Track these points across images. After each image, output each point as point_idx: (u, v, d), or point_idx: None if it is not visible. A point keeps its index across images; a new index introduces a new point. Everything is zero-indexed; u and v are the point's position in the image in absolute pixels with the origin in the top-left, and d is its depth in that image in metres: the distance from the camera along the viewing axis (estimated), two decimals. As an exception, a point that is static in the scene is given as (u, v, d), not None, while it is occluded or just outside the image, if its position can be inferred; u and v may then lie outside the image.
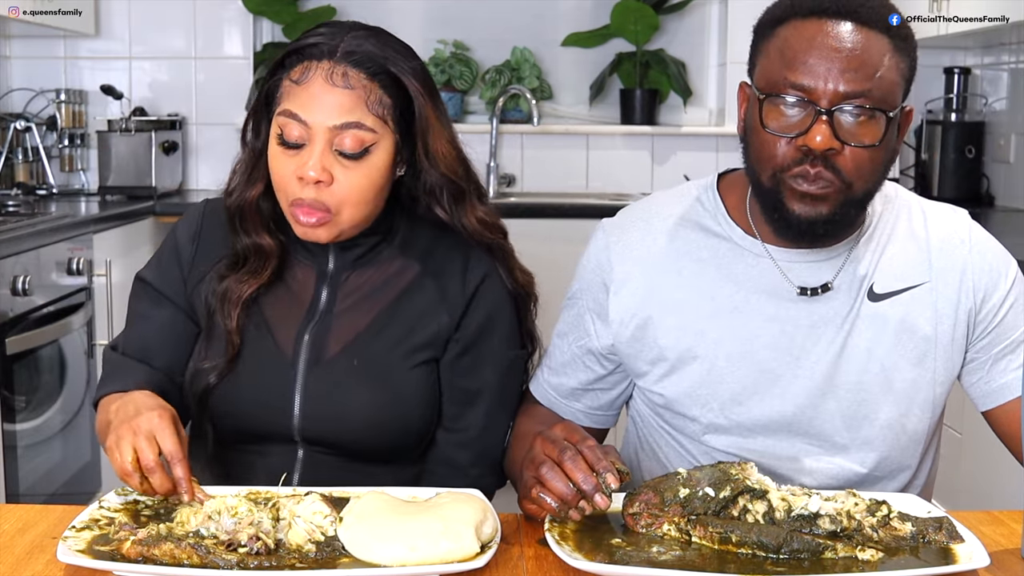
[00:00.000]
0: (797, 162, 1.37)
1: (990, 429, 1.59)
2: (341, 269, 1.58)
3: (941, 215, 1.55)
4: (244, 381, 1.54)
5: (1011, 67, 3.94)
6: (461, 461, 1.58)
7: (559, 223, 3.81)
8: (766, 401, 1.49)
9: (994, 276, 1.51)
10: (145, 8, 4.25)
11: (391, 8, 4.33)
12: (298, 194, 1.47)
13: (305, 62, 1.48)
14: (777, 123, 1.38)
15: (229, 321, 1.54)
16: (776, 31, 1.40)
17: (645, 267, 1.53)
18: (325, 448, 1.54)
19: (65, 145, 4.17)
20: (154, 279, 1.61)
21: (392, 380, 1.54)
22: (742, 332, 1.49)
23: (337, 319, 1.56)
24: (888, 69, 1.36)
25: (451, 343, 1.57)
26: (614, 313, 1.54)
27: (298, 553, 1.18)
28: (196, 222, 1.62)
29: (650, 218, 1.56)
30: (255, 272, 1.56)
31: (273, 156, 1.50)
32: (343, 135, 1.46)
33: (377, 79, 1.48)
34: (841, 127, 1.35)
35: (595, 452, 1.26)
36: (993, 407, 1.53)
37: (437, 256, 1.59)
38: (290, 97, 1.48)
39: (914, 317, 1.49)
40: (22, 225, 2.94)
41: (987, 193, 4.06)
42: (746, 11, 4.27)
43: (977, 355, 1.53)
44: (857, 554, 1.20)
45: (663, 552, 1.22)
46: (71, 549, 1.16)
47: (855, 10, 1.36)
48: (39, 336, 2.92)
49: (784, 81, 1.36)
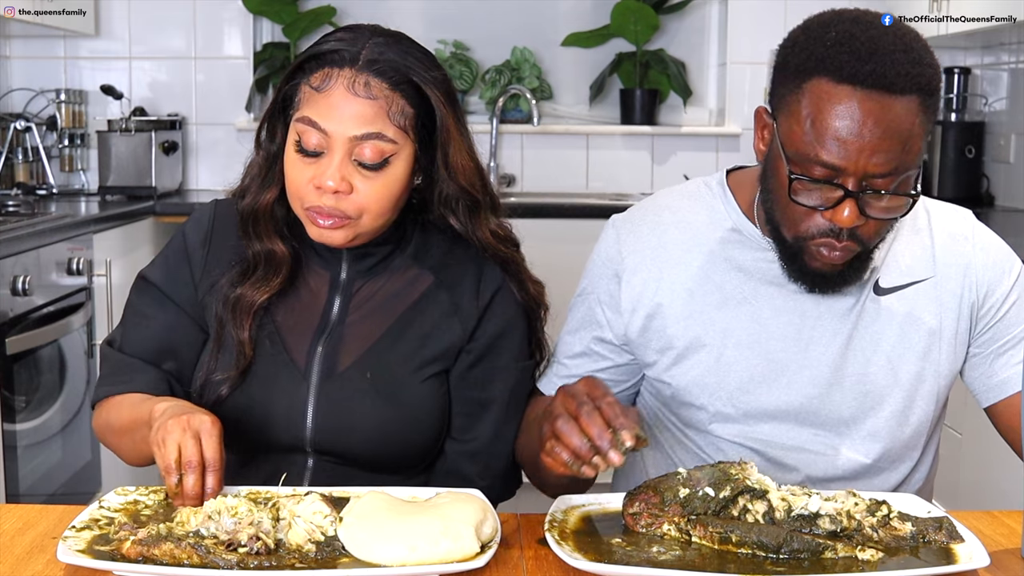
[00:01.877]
0: (823, 233, 1.40)
1: (989, 429, 1.60)
2: (354, 278, 1.56)
3: (946, 213, 1.58)
4: (256, 393, 1.52)
5: (1011, 67, 3.94)
6: (469, 472, 1.56)
7: (559, 223, 3.81)
8: (773, 391, 1.51)
9: (997, 272, 1.54)
10: (145, 8, 4.25)
11: (391, 8, 4.33)
12: (315, 202, 1.45)
13: (326, 68, 1.45)
14: (805, 197, 1.39)
15: (241, 332, 1.51)
16: (805, 86, 1.37)
17: (656, 257, 1.55)
18: (335, 458, 1.53)
19: (65, 145, 4.17)
20: (160, 280, 1.58)
21: (404, 393, 1.53)
22: (750, 322, 1.51)
23: (349, 330, 1.54)
24: (915, 136, 1.35)
25: (463, 354, 1.56)
26: (625, 302, 1.55)
27: (298, 553, 1.18)
28: (207, 225, 1.59)
29: (660, 211, 1.59)
30: (266, 280, 1.53)
31: (290, 163, 1.48)
32: (363, 145, 1.44)
33: (399, 89, 1.45)
34: (868, 204, 1.37)
35: (614, 408, 1.25)
36: (995, 402, 1.55)
37: (450, 267, 1.57)
38: (309, 104, 1.45)
39: (919, 311, 1.52)
40: (22, 225, 2.94)
41: (987, 193, 4.06)
42: (746, 11, 4.30)
43: (979, 349, 1.55)
44: (857, 554, 1.20)
45: (663, 552, 1.22)
46: (71, 549, 1.16)
47: (891, 81, 1.33)
48: (39, 336, 2.92)
49: (813, 158, 1.35)
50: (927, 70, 1.35)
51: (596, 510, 1.33)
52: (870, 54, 1.33)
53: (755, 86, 4.31)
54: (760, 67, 4.30)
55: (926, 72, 1.35)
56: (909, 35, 1.37)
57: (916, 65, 1.34)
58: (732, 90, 4.35)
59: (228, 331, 1.53)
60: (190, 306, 1.57)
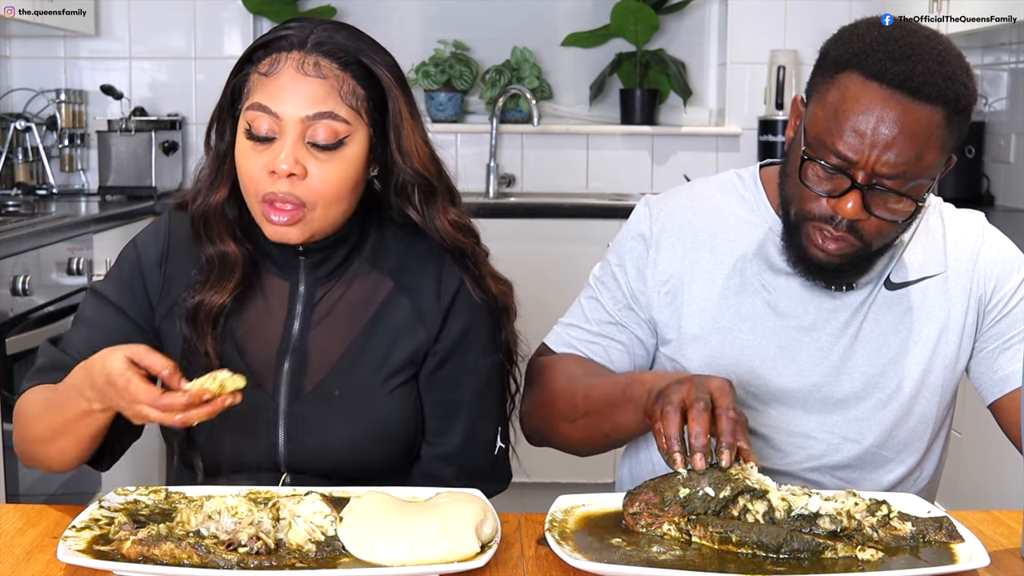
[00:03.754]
0: (823, 219, 1.44)
1: (989, 429, 1.61)
2: (313, 288, 1.53)
3: (958, 213, 1.63)
4: (227, 415, 1.42)
5: (1011, 67, 3.94)
6: (445, 475, 1.54)
7: (559, 223, 3.80)
8: (783, 377, 1.55)
9: (1006, 267, 1.58)
10: (145, 8, 4.25)
11: (391, 8, 4.33)
12: (270, 188, 1.42)
13: (274, 54, 1.44)
14: (813, 180, 1.43)
15: (203, 342, 1.48)
16: (839, 77, 1.42)
17: (683, 237, 1.59)
18: (311, 475, 1.50)
19: (65, 145, 4.17)
20: (112, 295, 1.53)
21: (374, 407, 1.51)
22: (767, 309, 1.55)
23: (313, 344, 1.51)
24: (932, 147, 1.39)
25: (429, 356, 1.54)
26: (652, 275, 1.60)
27: (298, 553, 1.18)
28: (162, 242, 1.55)
29: (694, 197, 1.64)
30: (221, 283, 1.49)
31: (241, 152, 1.45)
32: (316, 126, 1.42)
33: (349, 69, 1.44)
34: (872, 200, 1.41)
35: (731, 423, 1.27)
36: (998, 397, 1.57)
37: (410, 269, 1.55)
38: (258, 90, 1.43)
39: (929, 305, 1.56)
40: (22, 225, 2.94)
41: (987, 193, 4.06)
42: (746, 11, 4.30)
43: (986, 344, 1.58)
44: (857, 554, 1.20)
45: (663, 552, 1.22)
46: (71, 549, 1.16)
47: (918, 86, 1.37)
48: (39, 336, 2.91)
49: (830, 145, 1.40)
50: (959, 87, 1.39)
51: (596, 510, 1.32)
52: (904, 57, 1.38)
53: (755, 86, 4.31)
54: (760, 67, 4.30)
55: (957, 88, 1.38)
56: (950, 52, 1.41)
57: (948, 79, 1.38)
58: (732, 90, 4.35)
59: (194, 346, 1.49)
60: (143, 320, 1.53)
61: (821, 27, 1.57)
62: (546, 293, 1.66)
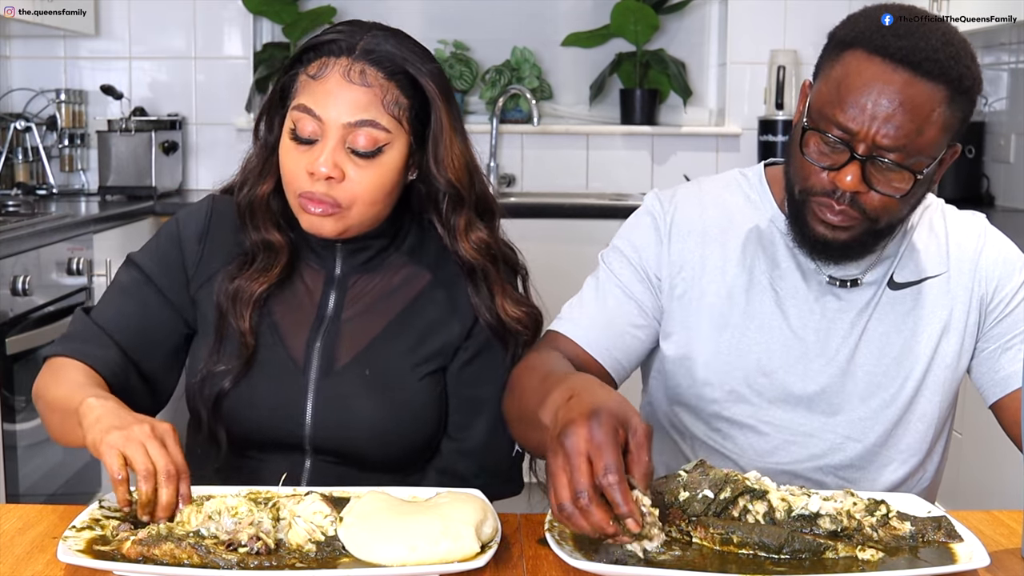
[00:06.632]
0: (825, 192, 1.44)
1: (989, 429, 1.61)
2: (348, 273, 1.57)
3: (960, 215, 1.64)
4: (258, 386, 1.52)
5: (1011, 67, 3.94)
6: (464, 471, 1.56)
7: (559, 223, 3.81)
8: (789, 376, 1.55)
9: (1008, 267, 1.58)
10: (145, 8, 4.24)
11: (391, 8, 4.32)
12: (308, 187, 1.46)
13: (323, 58, 1.47)
14: (814, 152, 1.44)
15: (242, 322, 1.52)
16: (843, 55, 1.43)
17: (693, 230, 1.59)
18: (332, 457, 1.53)
19: (65, 145, 4.17)
20: (149, 267, 1.57)
21: (402, 390, 1.53)
22: (774, 308, 1.56)
23: (346, 325, 1.55)
24: (933, 124, 1.39)
25: (459, 351, 1.57)
26: (665, 261, 1.58)
27: (298, 553, 1.18)
28: (203, 221, 1.59)
29: (702, 193, 1.64)
30: (265, 270, 1.54)
31: (285, 150, 1.49)
32: (357, 133, 1.45)
33: (395, 79, 1.47)
34: (872, 173, 1.41)
35: (610, 492, 1.12)
36: (999, 397, 1.57)
37: (448, 265, 1.57)
38: (305, 92, 1.47)
39: (931, 305, 1.57)
40: (22, 225, 2.94)
41: (987, 193, 4.06)
42: (746, 11, 4.29)
43: (987, 344, 1.58)
44: (857, 554, 1.20)
45: (663, 552, 1.21)
46: (71, 549, 1.16)
47: (919, 61, 1.38)
48: (39, 336, 2.92)
49: (831, 117, 1.41)
50: (962, 68, 1.40)
51: (596, 510, 1.32)
52: (908, 34, 1.39)
53: (755, 86, 4.31)
54: (760, 67, 4.30)
55: (960, 69, 1.39)
56: (956, 36, 1.42)
57: (951, 59, 1.39)
58: (732, 90, 4.34)
59: (229, 322, 1.53)
60: (175, 295, 1.56)
61: (821, 27, 1.57)
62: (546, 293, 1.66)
